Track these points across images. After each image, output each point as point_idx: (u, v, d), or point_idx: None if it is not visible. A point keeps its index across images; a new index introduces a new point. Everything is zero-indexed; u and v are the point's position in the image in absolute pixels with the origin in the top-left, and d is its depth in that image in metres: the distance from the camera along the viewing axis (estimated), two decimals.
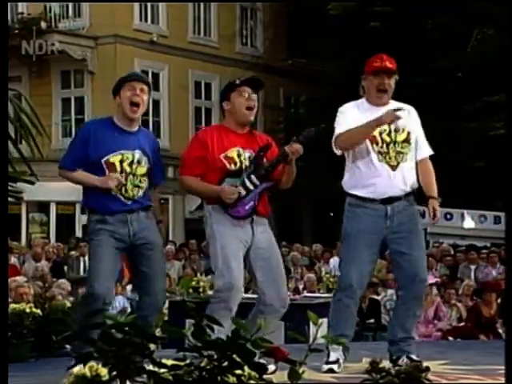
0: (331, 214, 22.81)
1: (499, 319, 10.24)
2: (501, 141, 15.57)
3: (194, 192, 5.75)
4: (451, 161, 21.63)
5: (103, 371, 3.26)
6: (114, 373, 2.99)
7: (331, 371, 5.48)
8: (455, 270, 15.89)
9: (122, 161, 5.43)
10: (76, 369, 3.45)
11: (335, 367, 5.53)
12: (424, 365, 3.70)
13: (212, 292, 5.84)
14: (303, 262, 16.22)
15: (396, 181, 5.68)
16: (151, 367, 3.01)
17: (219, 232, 5.44)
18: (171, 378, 2.94)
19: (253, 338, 2.96)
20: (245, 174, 5.50)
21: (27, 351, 7.22)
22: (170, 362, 3.01)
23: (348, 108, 5.81)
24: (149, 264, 5.47)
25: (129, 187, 5.45)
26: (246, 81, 5.65)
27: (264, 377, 3.05)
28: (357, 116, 5.69)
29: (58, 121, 24.13)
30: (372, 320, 11.78)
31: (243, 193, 5.47)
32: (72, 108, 24.47)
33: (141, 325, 3.03)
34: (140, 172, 5.50)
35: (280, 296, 5.50)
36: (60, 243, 17.95)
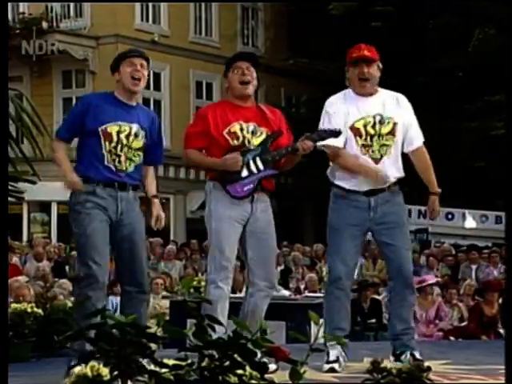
0: None
1: (501, 319, 10.23)
2: (502, 141, 15.56)
3: (196, 164, 5.79)
4: (452, 160, 21.61)
5: (104, 371, 3.26)
6: (116, 372, 2.99)
7: (332, 370, 5.48)
8: (456, 270, 15.88)
9: (120, 132, 5.41)
10: (77, 368, 3.45)
11: (336, 366, 5.53)
12: (425, 365, 3.70)
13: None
14: (304, 262, 16.21)
15: None
16: (152, 367, 3.01)
17: (216, 213, 5.50)
18: (172, 378, 2.94)
19: (254, 338, 2.96)
20: (250, 155, 5.52)
21: (28, 351, 7.21)
22: (172, 362, 3.02)
23: (333, 104, 5.80)
24: (130, 250, 5.42)
25: (122, 159, 5.41)
26: (238, 56, 5.75)
27: (265, 376, 3.05)
28: (342, 110, 5.70)
29: (59, 120, 24.08)
30: (373, 320, 11.75)
31: (245, 173, 5.49)
32: None
33: (136, 319, 3.03)
34: (135, 145, 5.47)
35: (268, 276, 5.57)
36: (61, 243, 17.95)
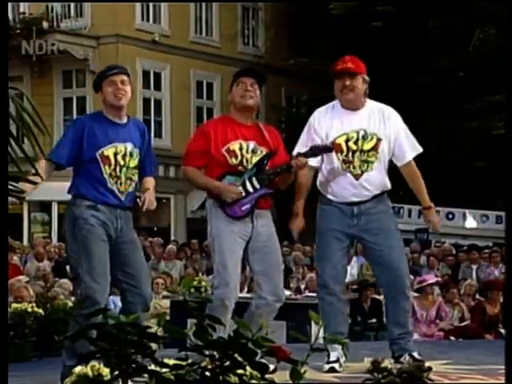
0: None
1: (502, 318, 10.22)
2: (502, 140, 15.55)
3: (195, 184, 5.80)
4: (452, 160, 21.61)
5: (105, 371, 3.26)
6: (116, 372, 2.99)
7: (333, 370, 5.48)
8: (457, 270, 15.86)
9: (116, 153, 5.40)
10: (78, 368, 3.45)
11: (336, 366, 5.54)
12: (426, 365, 3.70)
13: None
14: (305, 262, 16.20)
15: (359, 190, 5.69)
16: (153, 367, 3.01)
17: (217, 229, 5.51)
18: (173, 378, 2.94)
19: (254, 338, 2.95)
20: (246, 175, 5.54)
21: (29, 351, 7.22)
22: (172, 362, 3.01)
23: (317, 117, 5.80)
24: (132, 264, 5.40)
25: (123, 180, 5.41)
26: (244, 71, 5.76)
27: (266, 376, 3.05)
28: (326, 123, 5.70)
29: (60, 120, 24.11)
30: (374, 320, 11.76)
31: (243, 194, 5.51)
32: (74, 108, 24.47)
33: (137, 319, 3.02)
34: (132, 164, 5.47)
35: (275, 291, 5.55)
36: (62, 243, 17.94)
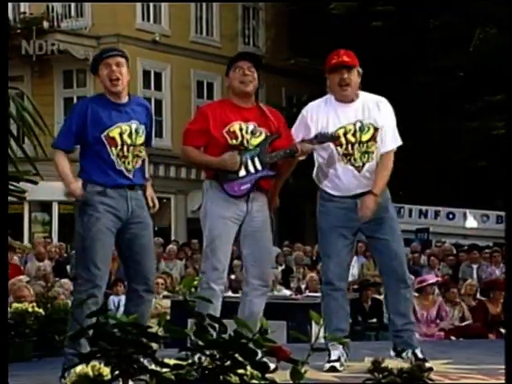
0: None
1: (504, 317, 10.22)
2: (502, 140, 15.55)
3: (193, 162, 5.82)
4: (452, 160, 21.59)
5: (105, 370, 3.26)
6: (117, 372, 2.98)
7: (333, 369, 5.48)
8: (458, 270, 15.86)
9: (122, 133, 5.44)
10: (78, 368, 3.46)
11: (337, 365, 5.53)
12: (427, 365, 3.70)
13: None
14: (305, 262, 16.22)
15: (361, 181, 5.69)
16: (153, 367, 3.01)
17: (211, 212, 5.55)
18: (173, 378, 2.94)
19: (255, 338, 2.95)
20: (248, 155, 5.54)
21: (30, 351, 7.21)
22: (173, 362, 3.01)
23: (311, 110, 5.79)
24: (141, 246, 5.46)
25: (130, 159, 5.44)
26: (241, 55, 5.79)
27: (266, 376, 3.05)
28: (322, 118, 5.68)
29: (61, 120, 24.05)
30: (374, 320, 11.76)
31: (243, 173, 5.51)
32: None
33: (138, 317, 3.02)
34: (139, 142, 5.50)
35: (262, 275, 5.61)
36: (62, 243, 17.98)
